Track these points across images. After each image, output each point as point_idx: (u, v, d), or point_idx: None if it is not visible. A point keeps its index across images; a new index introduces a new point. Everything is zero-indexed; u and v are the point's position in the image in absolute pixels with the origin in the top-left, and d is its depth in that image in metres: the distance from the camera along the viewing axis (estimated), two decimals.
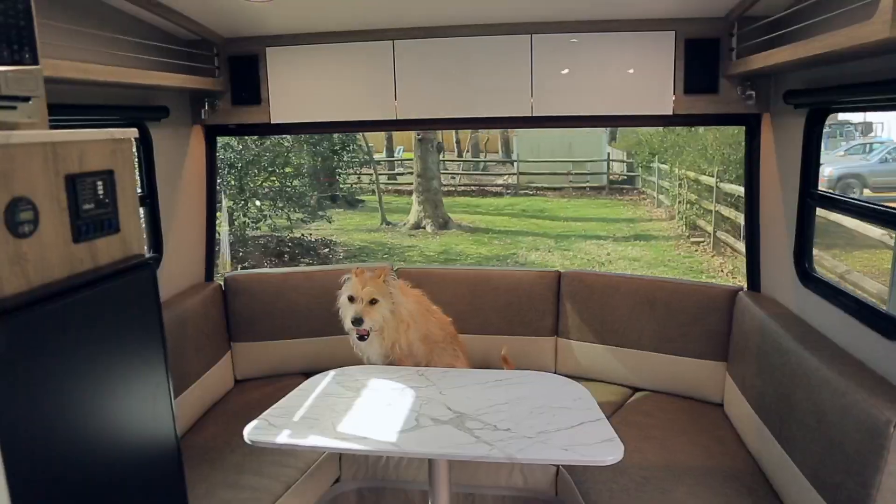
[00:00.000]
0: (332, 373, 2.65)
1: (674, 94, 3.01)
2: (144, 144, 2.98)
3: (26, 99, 1.58)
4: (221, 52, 3.24)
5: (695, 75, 2.98)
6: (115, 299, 1.60)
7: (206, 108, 3.26)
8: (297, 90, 3.26)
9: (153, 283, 1.72)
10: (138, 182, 3.05)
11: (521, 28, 3.07)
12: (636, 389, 3.35)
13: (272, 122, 3.29)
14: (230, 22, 3.04)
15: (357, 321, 2.70)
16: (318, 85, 3.25)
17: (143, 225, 3.09)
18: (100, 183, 1.56)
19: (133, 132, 1.70)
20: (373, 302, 2.74)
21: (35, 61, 1.63)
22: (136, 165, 3.03)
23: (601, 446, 2.02)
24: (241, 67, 3.26)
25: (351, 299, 2.76)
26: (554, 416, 2.23)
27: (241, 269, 11.26)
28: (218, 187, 11.29)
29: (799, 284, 2.68)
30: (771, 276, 3.01)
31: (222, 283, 3.53)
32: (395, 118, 3.25)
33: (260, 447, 2.32)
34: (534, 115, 3.15)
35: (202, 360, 3.15)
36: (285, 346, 3.52)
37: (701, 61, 2.96)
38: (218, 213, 10.77)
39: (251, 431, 2.14)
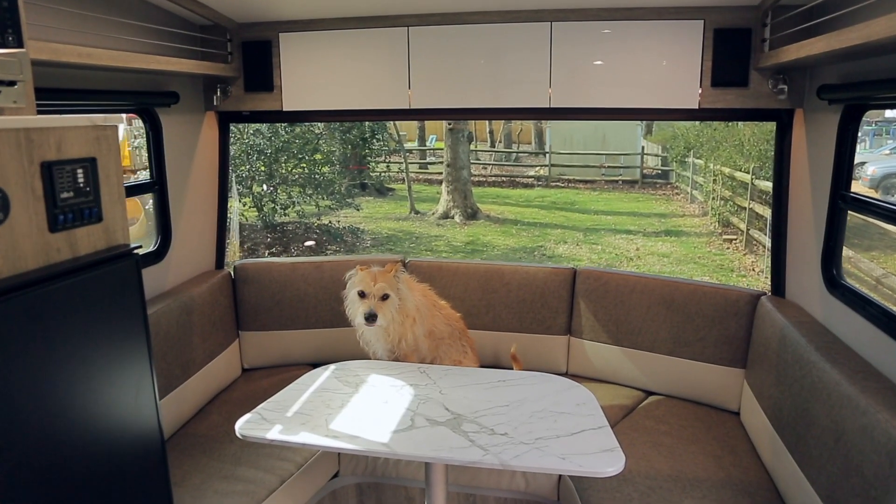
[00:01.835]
0: (331, 367, 2.60)
1: (700, 86, 2.86)
2: (154, 130, 2.96)
3: (11, 83, 1.55)
4: (234, 37, 3.20)
5: (724, 67, 2.82)
6: (95, 290, 1.56)
7: (219, 94, 3.23)
8: (309, 77, 3.21)
9: (137, 274, 1.68)
10: (148, 168, 3.04)
11: (541, 15, 2.95)
12: (649, 393, 3.23)
13: (284, 109, 3.24)
14: (243, 6, 2.99)
15: (371, 317, 2.66)
16: (331, 72, 3.19)
17: (152, 211, 3.08)
18: (80, 171, 1.52)
19: (118, 118, 1.66)
20: (384, 297, 2.69)
21: (20, 44, 1.60)
22: (147, 151, 3.02)
23: (601, 456, 1.92)
24: (254, 53, 3.22)
25: (361, 294, 2.70)
26: (555, 421, 2.14)
27: (269, 254, 11.37)
28: (247, 173, 11.52)
29: (825, 291, 2.53)
30: (796, 281, 2.85)
31: (232, 271, 3.51)
32: (408, 107, 3.17)
33: None
34: (552, 106, 3.04)
35: (209, 347, 3.14)
36: (293, 336, 3.50)
37: (730, 52, 2.80)
38: (235, 202, 10.92)
39: (243, 425, 2.10)
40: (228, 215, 3.65)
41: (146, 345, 1.73)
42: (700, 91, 2.87)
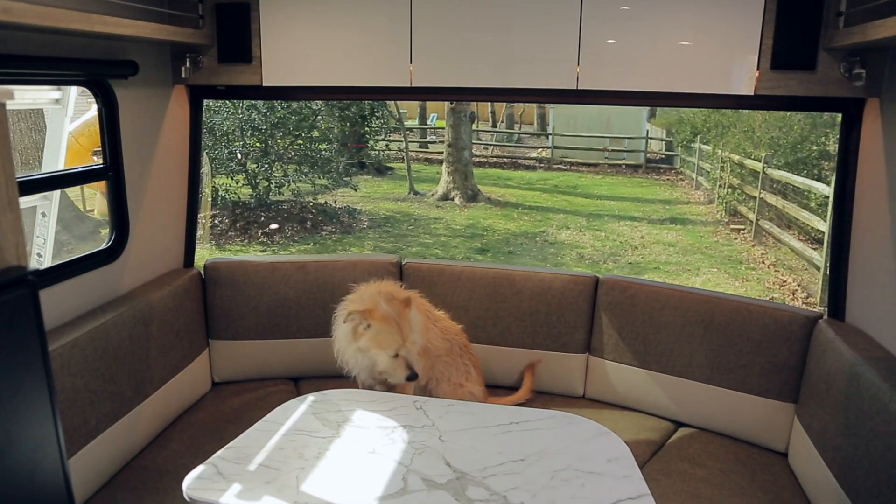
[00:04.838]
0: (309, 398, 2.17)
1: (757, 69, 2.40)
2: (108, 106, 2.49)
3: None
4: None
5: (786, 46, 2.36)
6: None
7: (188, 65, 2.76)
8: (294, 48, 2.74)
9: (34, 305, 1.24)
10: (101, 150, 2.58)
11: None
12: (680, 425, 2.81)
13: (264, 84, 2.78)
14: None
15: (413, 376, 2.35)
16: (320, 42, 2.72)
17: (106, 203, 2.63)
18: None
19: (7, 93, 1.20)
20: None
21: None
22: (100, 131, 2.56)
23: None
24: (230, 18, 2.74)
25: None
26: (583, 485, 1.72)
27: (262, 234, 10.90)
28: (241, 149, 10.97)
29: None
30: (863, 304, 2.42)
31: (202, 270, 3.06)
32: (409, 85, 2.71)
33: None
34: (579, 88, 2.58)
35: (172, 360, 2.71)
36: (271, 347, 3.06)
37: (796, 29, 2.34)
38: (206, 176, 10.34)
39: (192, 483, 1.69)
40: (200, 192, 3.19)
41: (48, 397, 1.29)
42: (757, 74, 2.41)
